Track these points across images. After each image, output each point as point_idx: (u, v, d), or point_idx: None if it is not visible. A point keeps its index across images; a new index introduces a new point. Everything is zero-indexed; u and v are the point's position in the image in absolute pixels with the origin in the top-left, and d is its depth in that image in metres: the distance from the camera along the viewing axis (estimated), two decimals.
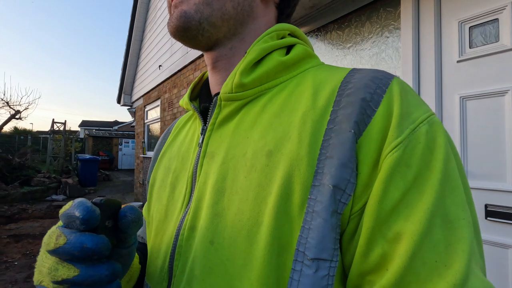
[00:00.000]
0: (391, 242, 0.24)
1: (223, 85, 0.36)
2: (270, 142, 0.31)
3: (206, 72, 0.46)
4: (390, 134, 0.26)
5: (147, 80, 6.11)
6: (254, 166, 0.30)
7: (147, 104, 6.34)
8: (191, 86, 0.45)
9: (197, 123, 0.42)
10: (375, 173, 0.26)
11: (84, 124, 27.24)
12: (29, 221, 5.21)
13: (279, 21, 0.42)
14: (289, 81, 0.35)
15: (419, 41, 1.44)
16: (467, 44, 1.28)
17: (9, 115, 9.41)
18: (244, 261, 0.28)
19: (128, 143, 18.25)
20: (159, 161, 0.47)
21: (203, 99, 0.43)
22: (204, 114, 0.40)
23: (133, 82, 7.25)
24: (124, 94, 7.44)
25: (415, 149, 0.25)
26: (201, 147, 0.37)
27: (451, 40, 1.33)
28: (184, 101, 0.43)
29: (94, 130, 20.74)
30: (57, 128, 11.74)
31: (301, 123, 0.30)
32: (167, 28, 0.38)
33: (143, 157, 6.37)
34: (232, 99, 0.35)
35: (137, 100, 7.06)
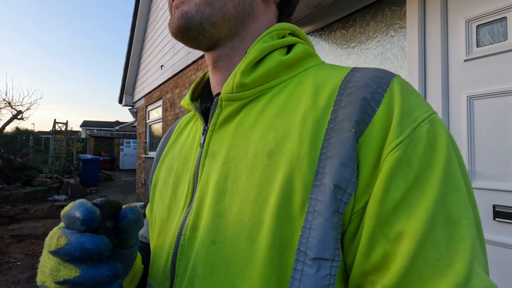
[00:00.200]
0: (392, 242, 0.24)
1: (224, 85, 0.36)
2: (271, 142, 0.31)
3: (207, 72, 0.46)
4: (391, 133, 0.26)
5: (149, 80, 6.12)
6: (255, 166, 0.30)
7: (149, 104, 6.35)
8: (192, 86, 0.45)
9: (198, 123, 0.42)
10: (376, 173, 0.26)
11: (85, 124, 27.33)
12: (31, 221, 5.23)
13: (279, 21, 0.42)
14: (289, 80, 0.35)
15: (425, 40, 1.42)
16: (474, 43, 1.26)
17: (11, 116, 9.44)
18: (245, 261, 0.28)
19: (130, 143, 18.32)
20: (162, 161, 0.47)
21: (205, 99, 0.43)
22: (206, 114, 0.40)
23: (135, 82, 7.27)
24: (126, 94, 7.46)
25: (416, 148, 0.25)
26: (202, 147, 0.37)
27: (457, 39, 1.31)
28: (186, 101, 0.43)
29: (95, 130, 20.80)
30: (59, 128, 11.78)
31: (302, 122, 0.30)
32: (168, 28, 0.37)
33: (145, 157, 6.37)
34: (233, 99, 0.35)
35: (139, 100, 7.07)
